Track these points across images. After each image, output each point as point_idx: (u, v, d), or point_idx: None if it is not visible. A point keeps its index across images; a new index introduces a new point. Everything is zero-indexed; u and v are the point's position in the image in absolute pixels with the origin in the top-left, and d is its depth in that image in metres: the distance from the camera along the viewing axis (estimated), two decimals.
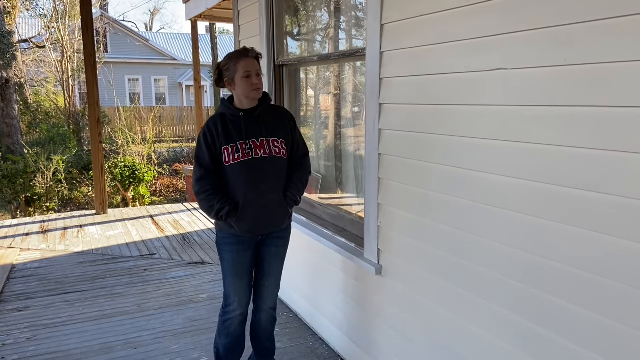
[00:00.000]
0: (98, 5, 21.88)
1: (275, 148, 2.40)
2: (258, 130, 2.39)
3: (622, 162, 1.41)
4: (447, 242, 2.11)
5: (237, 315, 2.57)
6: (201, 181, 2.36)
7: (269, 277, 2.59)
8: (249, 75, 2.32)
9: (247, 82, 2.33)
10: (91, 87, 6.75)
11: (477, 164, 1.91)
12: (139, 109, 15.77)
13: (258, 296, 2.63)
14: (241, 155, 2.34)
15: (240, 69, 2.32)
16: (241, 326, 2.62)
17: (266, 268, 2.57)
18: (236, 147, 2.34)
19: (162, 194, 11.39)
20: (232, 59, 2.35)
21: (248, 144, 2.36)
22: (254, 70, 2.34)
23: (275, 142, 2.41)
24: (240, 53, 2.37)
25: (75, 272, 4.64)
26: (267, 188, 2.39)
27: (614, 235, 1.45)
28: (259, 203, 2.38)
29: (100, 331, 3.46)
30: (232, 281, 2.52)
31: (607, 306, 1.48)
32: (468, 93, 1.92)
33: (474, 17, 1.85)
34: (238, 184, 2.36)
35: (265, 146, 2.38)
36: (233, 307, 2.55)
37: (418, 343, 2.36)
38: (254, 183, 2.36)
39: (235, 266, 2.50)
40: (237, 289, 2.53)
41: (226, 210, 2.33)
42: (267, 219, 2.44)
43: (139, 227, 6.28)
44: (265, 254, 2.55)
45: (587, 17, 1.46)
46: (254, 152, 2.35)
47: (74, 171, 11.05)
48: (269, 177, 2.40)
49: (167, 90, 27.20)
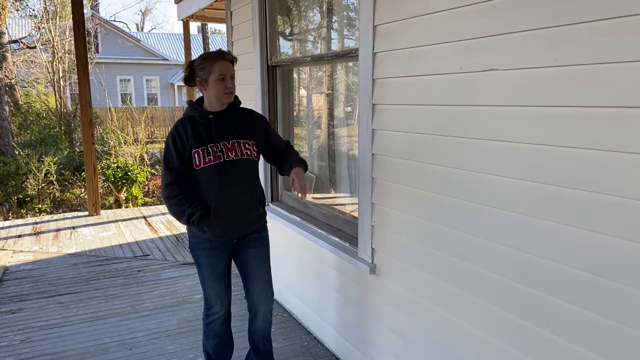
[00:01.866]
0: (89, 6, 21.76)
1: (247, 150, 2.40)
2: (229, 132, 2.38)
3: (611, 161, 1.43)
4: (440, 241, 2.13)
5: (220, 316, 2.57)
6: (170, 186, 2.32)
7: (258, 282, 2.55)
8: (224, 78, 2.30)
9: (221, 85, 2.30)
10: (83, 88, 6.73)
11: (470, 164, 1.93)
12: (130, 110, 15.71)
13: (252, 303, 2.60)
14: (212, 158, 2.31)
15: (216, 71, 2.29)
16: (225, 325, 2.62)
17: (252, 272, 2.54)
18: (207, 149, 2.31)
19: (155, 194, 11.35)
20: (208, 60, 2.31)
21: (219, 146, 2.33)
22: (229, 73, 2.33)
23: (246, 144, 2.41)
24: (217, 54, 2.34)
25: (68, 273, 4.63)
26: (239, 190, 2.38)
27: (605, 233, 1.47)
28: (231, 206, 2.37)
29: (94, 332, 3.46)
30: (211, 285, 2.50)
31: (599, 304, 1.51)
32: (461, 93, 1.94)
33: (467, 18, 1.87)
34: (209, 187, 2.33)
35: (236, 148, 2.37)
36: (215, 309, 2.55)
37: (413, 342, 2.38)
38: (225, 186, 2.34)
39: (212, 271, 2.48)
40: (217, 291, 2.52)
41: (198, 214, 2.30)
42: (240, 222, 2.43)
43: (132, 228, 6.26)
44: (245, 257, 2.53)
45: (577, 19, 1.48)
46: (225, 154, 2.34)
47: (65, 172, 11.00)
48: (241, 179, 2.39)
49: (159, 91, 27.08)
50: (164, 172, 2.35)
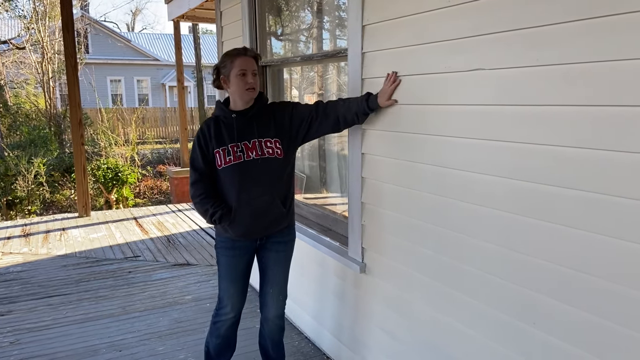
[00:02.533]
0: (79, 6, 21.61)
1: (268, 149, 2.34)
2: (250, 131, 2.34)
3: (595, 159, 1.45)
4: (430, 240, 2.14)
5: (229, 318, 2.54)
6: (195, 185, 2.37)
7: (273, 285, 2.52)
8: (245, 74, 2.28)
9: (241, 81, 2.28)
10: (72, 89, 6.69)
11: (458, 162, 1.95)
12: (121, 110, 15.63)
13: (263, 304, 2.58)
14: (232, 159, 2.31)
15: (237, 66, 2.27)
16: (232, 329, 2.59)
17: (269, 275, 2.52)
18: (227, 150, 2.31)
19: (146, 195, 11.31)
20: (229, 56, 2.31)
21: (239, 146, 2.32)
22: (250, 69, 2.30)
23: (268, 142, 2.35)
24: (238, 50, 2.33)
25: (58, 275, 4.60)
26: (261, 190, 2.35)
27: (590, 230, 1.49)
28: (252, 206, 2.34)
29: (84, 334, 3.44)
30: (227, 285, 2.49)
31: (586, 300, 1.53)
32: (448, 93, 1.96)
33: (453, 18, 1.88)
34: (230, 187, 2.34)
35: (257, 148, 2.33)
36: (225, 311, 2.52)
37: (404, 341, 2.39)
38: (246, 185, 2.32)
39: (230, 270, 2.47)
40: (231, 293, 2.50)
41: (219, 214, 2.32)
42: (260, 222, 2.39)
43: (123, 230, 6.24)
44: (266, 260, 2.51)
45: (558, 19, 1.50)
46: (246, 154, 2.31)
47: (55, 174, 10.92)
48: (262, 179, 2.35)
49: (150, 91, 26.98)
50: (190, 171, 2.41)
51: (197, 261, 5.01)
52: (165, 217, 6.93)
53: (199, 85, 17.10)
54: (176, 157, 12.89)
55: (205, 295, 4.09)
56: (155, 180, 12.13)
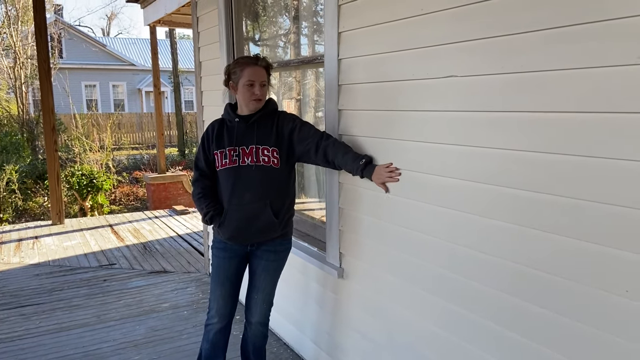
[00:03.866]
0: (52, 10, 21.25)
1: (265, 157, 2.35)
2: (250, 137, 2.37)
3: (563, 164, 1.49)
4: (404, 243, 2.17)
5: (214, 323, 2.52)
6: (195, 183, 2.48)
7: (259, 292, 2.52)
8: (252, 84, 2.30)
9: (248, 91, 2.32)
10: (45, 94, 6.57)
11: (430, 167, 1.98)
12: (96, 116, 15.40)
13: (247, 308, 2.57)
14: (228, 162, 2.36)
15: (245, 76, 2.31)
16: (220, 334, 2.56)
17: (256, 281, 2.52)
18: (225, 153, 2.37)
19: (122, 202, 11.14)
20: (240, 65, 2.35)
21: (237, 150, 2.36)
22: (259, 80, 2.31)
23: (265, 150, 2.36)
24: (249, 59, 2.36)
25: (31, 284, 4.50)
26: (252, 197, 2.35)
27: (559, 233, 1.52)
28: (241, 211, 2.37)
29: (58, 344, 3.37)
30: (213, 288, 2.52)
31: (554, 301, 1.56)
32: (421, 99, 1.99)
33: (426, 26, 1.91)
34: (225, 189, 2.40)
35: (253, 154, 2.35)
36: (211, 314, 2.54)
37: (381, 344, 2.40)
38: (238, 190, 2.36)
39: (219, 272, 2.49)
40: (216, 296, 2.50)
41: (210, 214, 2.39)
42: (248, 228, 2.39)
43: (98, 237, 6.14)
44: (255, 267, 2.51)
45: (531, 28, 1.54)
46: (241, 159, 2.35)
47: (28, 181, 10.69)
48: (254, 185, 2.35)
49: (126, 97, 26.66)
50: (193, 168, 2.52)
51: (174, 268, 4.95)
52: (141, 224, 6.84)
53: (176, 90, 16.95)
54: (153, 163, 12.73)
55: (182, 303, 4.04)
56: (132, 187, 11.96)
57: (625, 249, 1.36)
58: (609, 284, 1.41)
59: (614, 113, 1.36)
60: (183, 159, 14.96)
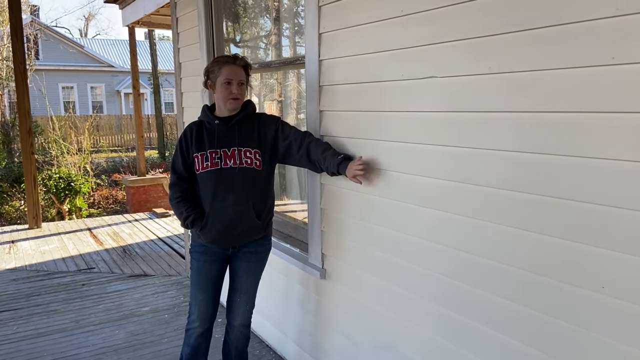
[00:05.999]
0: (28, 11, 20.88)
1: (247, 159, 2.34)
2: (231, 139, 2.34)
3: (539, 163, 1.52)
4: (383, 243, 2.18)
5: (195, 327, 2.49)
6: (173, 187, 2.41)
7: (241, 294, 2.50)
8: (230, 83, 2.28)
9: (226, 89, 2.29)
10: (21, 96, 6.45)
11: (408, 167, 2.00)
12: (73, 118, 15.12)
13: (229, 311, 2.55)
14: (209, 165, 2.32)
15: (223, 75, 2.28)
16: (201, 338, 2.53)
17: (238, 283, 2.49)
18: (206, 155, 2.33)
19: (101, 205, 10.97)
20: (218, 63, 2.33)
21: (218, 153, 2.32)
22: (237, 78, 2.29)
23: (247, 152, 2.34)
24: (228, 58, 2.34)
25: (7, 289, 4.41)
26: (234, 199, 2.34)
27: (533, 230, 1.55)
28: (224, 214, 2.34)
29: (35, 350, 3.30)
30: (195, 292, 2.46)
31: (527, 296, 1.58)
32: (402, 100, 2.00)
33: (407, 27, 1.93)
34: (206, 192, 2.35)
35: (235, 156, 2.33)
36: (192, 319, 2.49)
37: (363, 344, 2.41)
38: (220, 193, 2.33)
39: (200, 277, 2.44)
40: (198, 300, 2.46)
41: (191, 218, 2.35)
42: (231, 231, 2.37)
43: (76, 241, 6.03)
44: (237, 269, 2.48)
45: (508, 29, 1.56)
46: (223, 161, 2.32)
47: (4, 184, 10.48)
48: (237, 188, 2.34)
49: (105, 98, 26.30)
50: (170, 172, 2.45)
51: (155, 272, 4.89)
52: (121, 227, 6.75)
53: (155, 92, 16.79)
54: (132, 166, 12.58)
55: (163, 307, 4.00)
56: (111, 190, 11.79)
57: (602, 247, 1.39)
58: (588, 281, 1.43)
59: (593, 113, 1.38)
60: (163, 161, 14.82)
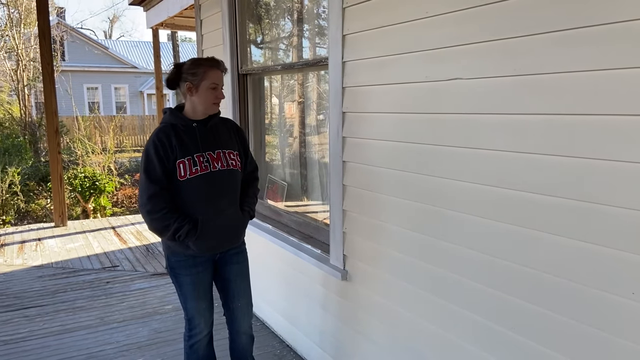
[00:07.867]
0: (55, 13, 21.32)
1: (232, 160, 2.33)
2: (213, 141, 2.30)
3: (569, 166, 1.49)
4: (411, 247, 2.16)
5: (204, 336, 2.48)
6: (154, 199, 2.16)
7: (241, 298, 2.48)
8: (216, 88, 2.24)
9: (211, 94, 2.23)
10: (49, 96, 6.59)
11: (440, 170, 1.97)
12: (98, 118, 15.41)
13: (233, 319, 2.52)
14: (199, 169, 2.21)
15: (210, 78, 2.21)
16: (209, 346, 2.54)
17: (234, 288, 2.46)
18: (193, 159, 2.20)
19: (124, 204, 11.14)
20: (202, 66, 2.22)
21: (205, 156, 2.24)
22: (221, 84, 2.28)
23: (231, 154, 2.34)
24: (212, 62, 2.25)
25: (34, 286, 4.51)
26: (227, 202, 2.31)
27: (564, 235, 1.53)
28: (220, 219, 2.29)
29: (61, 346, 3.38)
30: (196, 304, 2.38)
31: (560, 304, 1.56)
32: (427, 102, 1.99)
33: (432, 29, 1.92)
34: (195, 199, 2.23)
35: (222, 158, 2.29)
36: (199, 329, 2.44)
37: (385, 347, 2.40)
38: (213, 198, 2.26)
39: (197, 289, 2.36)
40: (202, 310, 2.41)
41: (185, 229, 2.17)
42: (228, 234, 2.36)
43: (101, 239, 6.14)
44: (228, 273, 2.44)
45: (535, 30, 1.54)
46: (212, 165, 2.25)
47: (30, 183, 10.71)
48: (228, 191, 2.32)
49: (128, 99, 26.70)
50: (144, 183, 2.17)
51: None
52: (143, 226, 6.84)
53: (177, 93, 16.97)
54: None
55: None
56: (134, 189, 11.96)
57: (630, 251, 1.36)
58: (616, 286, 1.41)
59: (621, 115, 1.36)
60: None
